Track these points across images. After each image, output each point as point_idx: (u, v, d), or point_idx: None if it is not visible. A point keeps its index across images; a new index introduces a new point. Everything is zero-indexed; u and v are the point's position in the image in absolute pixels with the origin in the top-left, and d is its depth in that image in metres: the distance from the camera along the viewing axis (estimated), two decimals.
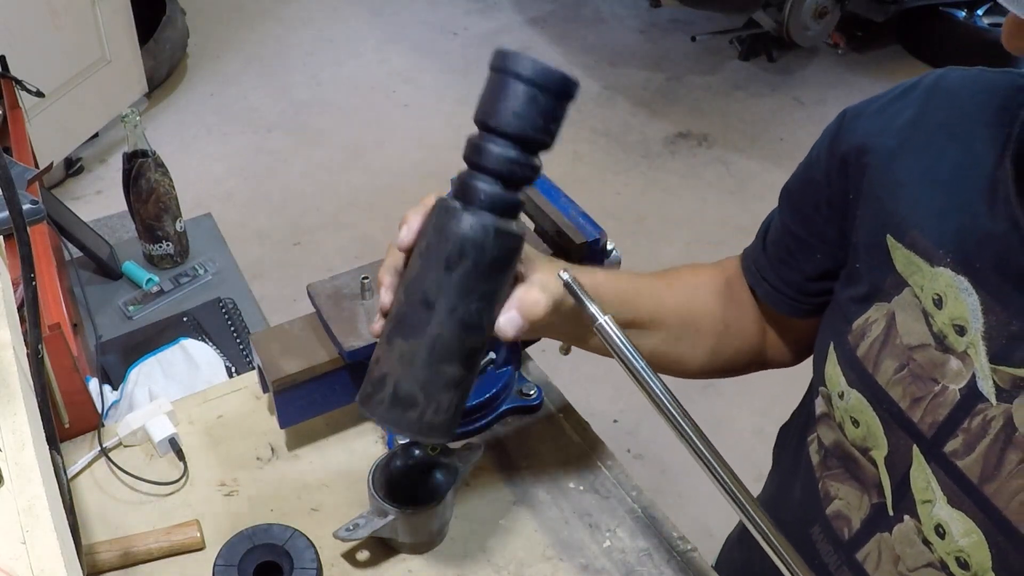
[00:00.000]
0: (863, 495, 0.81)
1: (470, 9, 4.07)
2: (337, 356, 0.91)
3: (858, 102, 0.82)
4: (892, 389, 0.76)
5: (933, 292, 0.72)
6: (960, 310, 0.70)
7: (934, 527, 0.74)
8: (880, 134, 0.77)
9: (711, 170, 3.17)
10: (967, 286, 0.70)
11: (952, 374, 0.71)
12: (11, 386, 0.66)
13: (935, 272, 0.72)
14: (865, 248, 0.78)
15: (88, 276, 1.81)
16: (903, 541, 0.77)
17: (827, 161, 0.81)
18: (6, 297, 0.73)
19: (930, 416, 0.73)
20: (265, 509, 0.92)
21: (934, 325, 0.73)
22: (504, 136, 0.64)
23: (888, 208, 0.76)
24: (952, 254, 0.71)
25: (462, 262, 0.65)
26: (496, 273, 0.67)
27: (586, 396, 2.19)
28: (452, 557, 0.88)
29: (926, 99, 0.76)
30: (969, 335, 0.70)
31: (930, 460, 0.73)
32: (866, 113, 0.80)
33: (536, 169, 0.67)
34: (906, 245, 0.74)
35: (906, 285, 0.75)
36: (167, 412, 0.98)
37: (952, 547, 0.73)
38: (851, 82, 3.66)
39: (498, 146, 0.65)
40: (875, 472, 0.79)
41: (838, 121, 0.82)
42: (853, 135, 0.79)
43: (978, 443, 0.70)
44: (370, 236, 2.83)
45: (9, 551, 0.55)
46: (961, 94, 0.75)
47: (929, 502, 0.74)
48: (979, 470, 0.70)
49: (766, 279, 0.89)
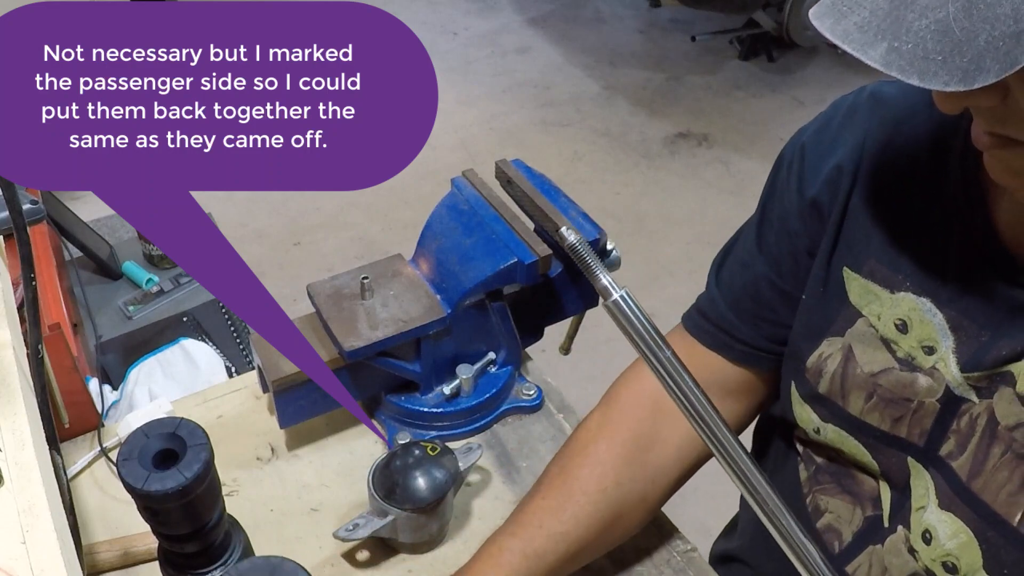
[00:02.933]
0: (855, 508, 0.80)
1: (470, 9, 4.07)
2: (337, 356, 0.91)
3: (809, 130, 0.78)
4: (868, 416, 0.75)
5: (895, 318, 0.72)
6: (928, 331, 0.70)
7: (921, 533, 0.74)
8: (838, 167, 0.74)
9: (711, 170, 3.17)
10: (930, 307, 0.70)
11: (924, 390, 0.71)
12: (11, 386, 0.66)
13: (896, 298, 0.71)
14: (819, 282, 0.77)
15: (88, 276, 1.81)
16: (892, 552, 0.77)
17: (798, 206, 0.78)
18: (6, 297, 0.73)
19: (917, 428, 0.72)
20: (265, 509, 0.92)
21: (899, 351, 0.72)
22: None
23: (844, 239, 0.74)
24: (911, 278, 0.70)
25: None
26: None
27: (586, 396, 2.19)
28: (452, 557, 0.88)
29: (868, 118, 0.74)
30: (939, 352, 0.70)
31: (928, 466, 0.73)
32: (823, 145, 0.76)
33: None
34: (863, 275, 0.73)
35: (860, 316, 0.74)
36: (167, 412, 0.98)
37: (938, 552, 0.72)
38: (851, 82, 3.65)
39: None
40: (874, 486, 0.78)
41: (799, 159, 0.78)
42: (817, 175, 0.76)
43: (968, 441, 0.70)
44: (370, 236, 2.83)
45: (9, 551, 0.55)
46: (900, 110, 0.73)
47: (922, 508, 0.74)
48: (968, 467, 0.70)
49: (741, 340, 0.83)
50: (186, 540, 0.72)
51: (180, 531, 0.71)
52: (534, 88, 3.50)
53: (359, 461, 0.96)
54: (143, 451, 0.68)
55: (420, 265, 0.98)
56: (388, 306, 0.93)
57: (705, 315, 0.86)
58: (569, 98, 3.43)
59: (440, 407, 0.97)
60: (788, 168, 0.79)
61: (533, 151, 3.09)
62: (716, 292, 0.85)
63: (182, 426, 0.70)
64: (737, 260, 0.85)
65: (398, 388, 0.98)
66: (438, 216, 0.98)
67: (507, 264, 0.91)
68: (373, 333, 0.90)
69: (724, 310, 0.84)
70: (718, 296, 0.85)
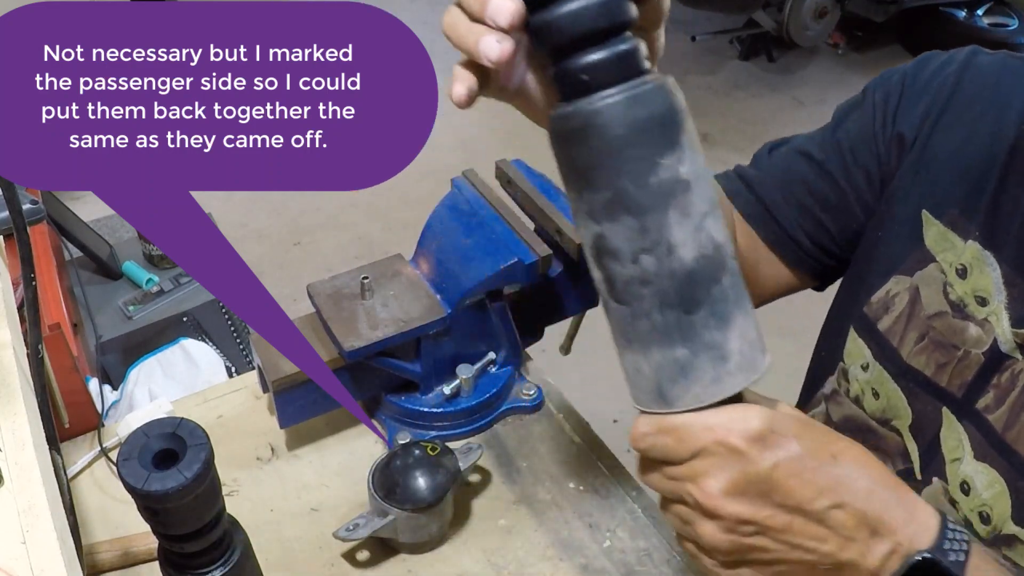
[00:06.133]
0: (886, 462, 0.81)
1: None
2: (337, 356, 0.91)
3: (909, 68, 0.80)
4: (914, 359, 0.76)
5: (959, 263, 0.73)
6: (984, 283, 0.72)
7: (959, 484, 0.75)
8: (927, 110, 0.77)
9: (711, 170, 3.18)
10: (992, 261, 0.72)
11: (972, 340, 0.73)
12: (11, 386, 0.66)
13: (965, 246, 0.73)
14: (895, 220, 0.78)
15: (88, 276, 1.82)
16: (931, 503, 0.78)
17: (889, 133, 0.79)
18: (6, 297, 0.73)
19: (958, 379, 0.74)
20: (265, 509, 0.92)
21: (952, 293, 0.74)
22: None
23: (925, 183, 0.76)
24: (980, 228, 0.72)
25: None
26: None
27: (586, 396, 2.19)
28: (452, 557, 0.88)
29: (960, 74, 0.77)
30: (991, 306, 0.71)
31: (962, 418, 0.74)
32: (918, 84, 0.79)
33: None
34: (944, 222, 0.75)
35: (932, 260, 0.76)
36: (167, 412, 0.98)
37: (976, 502, 0.74)
38: (851, 82, 3.65)
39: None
40: (899, 440, 0.79)
41: (898, 91, 0.79)
42: (910, 112, 0.78)
43: (1007, 396, 0.71)
44: (370, 236, 2.83)
45: (9, 551, 0.55)
46: (991, 74, 0.76)
47: (958, 460, 0.75)
48: (1004, 419, 0.71)
49: (779, 222, 0.83)
50: (186, 540, 0.72)
51: (180, 531, 0.71)
52: None
53: (359, 461, 0.96)
54: (143, 451, 0.69)
55: (420, 265, 0.98)
56: (388, 306, 0.93)
57: (749, 184, 0.85)
58: None
59: (440, 407, 0.97)
60: (887, 96, 0.80)
61: (533, 151, 3.08)
62: (766, 168, 0.84)
63: (182, 426, 0.70)
64: (797, 148, 0.84)
65: (398, 388, 0.98)
66: (438, 216, 0.98)
67: (507, 264, 0.91)
68: (373, 333, 0.90)
69: (771, 187, 0.83)
70: (767, 172, 0.84)
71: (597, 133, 0.50)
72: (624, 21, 0.51)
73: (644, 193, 0.50)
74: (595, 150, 0.50)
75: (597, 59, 0.50)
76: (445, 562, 0.88)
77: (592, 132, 0.50)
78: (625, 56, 0.51)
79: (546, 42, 0.52)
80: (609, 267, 0.52)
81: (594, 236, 0.53)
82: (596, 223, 0.52)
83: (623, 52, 0.51)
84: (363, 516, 0.85)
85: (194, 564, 0.74)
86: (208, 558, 0.74)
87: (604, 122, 0.50)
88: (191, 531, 0.71)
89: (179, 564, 0.75)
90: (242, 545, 0.77)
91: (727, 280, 0.52)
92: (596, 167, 0.51)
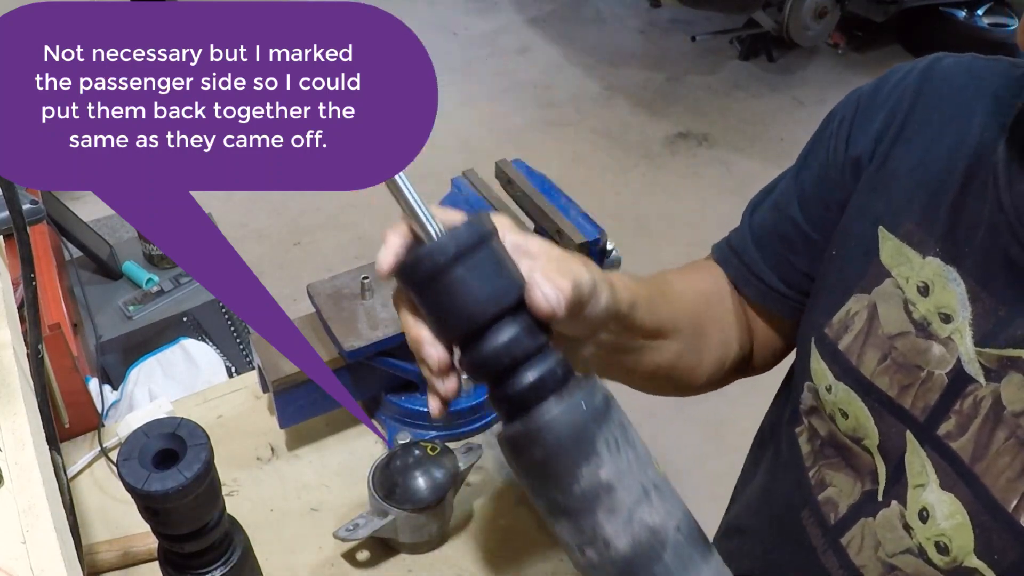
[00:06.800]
0: (856, 482, 0.81)
1: (470, 9, 4.07)
2: (337, 356, 0.91)
3: (865, 89, 0.80)
4: (878, 379, 0.76)
5: (919, 280, 0.72)
6: (947, 299, 0.71)
7: (918, 512, 0.74)
8: (885, 125, 0.77)
9: (711, 170, 3.17)
10: (955, 276, 0.70)
11: (936, 360, 0.72)
12: (11, 386, 0.66)
13: (924, 262, 0.72)
14: (850, 237, 0.78)
15: (88, 276, 1.81)
16: (885, 526, 0.77)
17: (842, 159, 0.79)
18: (6, 297, 0.73)
19: (921, 401, 0.73)
20: (265, 509, 0.92)
21: (915, 312, 0.73)
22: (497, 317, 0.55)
23: (882, 198, 0.75)
24: (941, 243, 0.71)
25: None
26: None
27: None
28: (452, 557, 0.88)
29: (920, 84, 0.76)
30: (955, 323, 0.70)
31: (924, 443, 0.73)
32: (875, 105, 0.78)
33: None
34: (899, 236, 0.74)
35: (888, 276, 0.75)
36: (167, 412, 0.98)
37: (933, 531, 0.73)
38: (851, 82, 3.65)
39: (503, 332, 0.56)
40: (870, 460, 0.79)
41: (851, 115, 0.80)
42: (865, 133, 0.78)
43: (970, 424, 0.70)
44: (370, 236, 2.82)
45: (9, 551, 0.55)
46: (955, 80, 0.75)
47: (922, 486, 0.74)
48: (971, 450, 0.70)
49: (760, 278, 0.86)
50: (186, 540, 0.72)
51: (180, 531, 0.71)
52: (534, 88, 3.50)
53: (359, 461, 0.96)
54: (143, 451, 0.69)
55: None
56: (388, 306, 0.93)
57: (733, 248, 0.88)
58: (569, 98, 3.43)
59: None
60: (840, 122, 0.81)
61: (533, 151, 3.09)
62: (747, 230, 0.87)
63: (182, 426, 0.70)
64: (771, 202, 0.87)
65: (398, 388, 0.98)
66: None
67: None
68: (373, 333, 0.90)
69: (750, 246, 0.86)
70: (748, 233, 0.87)
71: (520, 455, 0.56)
72: (514, 358, 0.55)
73: (571, 500, 0.55)
74: (523, 468, 0.57)
75: (506, 394, 0.56)
76: (445, 562, 0.88)
77: (517, 453, 0.56)
78: (532, 387, 0.55)
79: (474, 378, 0.58)
80: (569, 554, 0.58)
81: (553, 529, 0.59)
82: (550, 520, 0.58)
83: (526, 386, 0.55)
84: (363, 516, 0.85)
85: (194, 564, 0.74)
86: (208, 558, 0.74)
87: (521, 446, 0.56)
88: (191, 531, 0.71)
89: (179, 564, 0.75)
90: (242, 545, 0.77)
91: (668, 555, 0.56)
92: (529, 480, 0.57)
